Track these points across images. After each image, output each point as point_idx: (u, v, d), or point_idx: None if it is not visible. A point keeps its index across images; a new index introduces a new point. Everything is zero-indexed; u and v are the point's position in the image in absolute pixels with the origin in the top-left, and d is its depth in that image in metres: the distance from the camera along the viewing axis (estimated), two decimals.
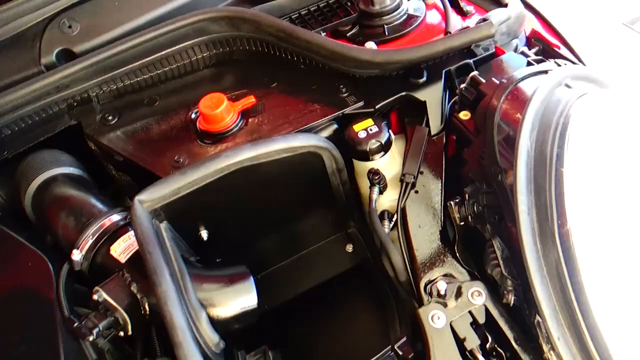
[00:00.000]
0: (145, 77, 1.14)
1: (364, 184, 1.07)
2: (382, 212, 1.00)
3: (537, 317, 0.78)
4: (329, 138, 1.00)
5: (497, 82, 0.92)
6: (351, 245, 1.20)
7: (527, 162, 0.77)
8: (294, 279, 1.17)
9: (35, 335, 0.80)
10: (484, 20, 1.03)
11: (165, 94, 1.13)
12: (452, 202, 0.87)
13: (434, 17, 1.19)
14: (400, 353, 0.82)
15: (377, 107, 1.01)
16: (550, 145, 0.78)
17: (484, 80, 0.94)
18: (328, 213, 1.18)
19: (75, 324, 0.81)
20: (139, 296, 0.83)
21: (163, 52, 1.12)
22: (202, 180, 0.87)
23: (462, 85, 0.97)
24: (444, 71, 1.03)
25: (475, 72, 0.96)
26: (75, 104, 1.11)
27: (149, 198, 0.84)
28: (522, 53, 1.06)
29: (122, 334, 0.84)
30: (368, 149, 0.96)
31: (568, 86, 0.84)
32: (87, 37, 1.13)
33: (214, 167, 0.86)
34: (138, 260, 0.86)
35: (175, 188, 0.85)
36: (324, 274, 1.18)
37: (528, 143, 0.79)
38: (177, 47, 1.13)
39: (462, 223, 0.87)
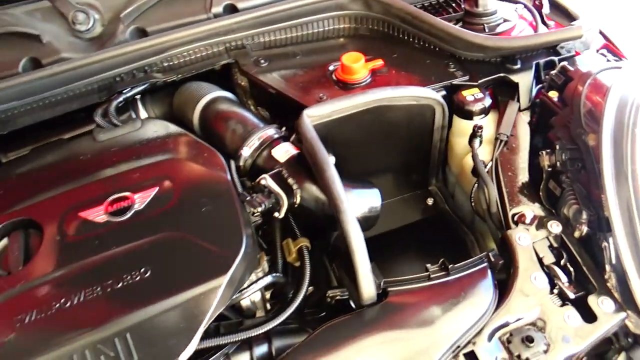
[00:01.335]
0: (289, 36, 1.41)
1: (458, 143, 1.32)
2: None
3: (605, 243, 1.02)
4: None
5: (583, 70, 1.18)
6: (432, 200, 1.44)
7: (611, 125, 1.03)
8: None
9: (218, 200, 1.03)
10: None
11: (304, 52, 1.39)
12: (543, 152, 1.12)
13: (522, 25, 1.46)
14: (493, 259, 1.04)
15: (480, 81, 1.27)
16: (627, 114, 1.03)
17: (572, 69, 1.20)
18: (414, 171, 1.42)
19: (247, 198, 1.04)
20: (294, 187, 1.07)
21: (306, 18, 1.40)
22: (351, 108, 1.12)
23: (553, 72, 1.24)
24: (534, 63, 1.30)
25: (564, 62, 1.23)
26: (232, 48, 1.37)
27: (313, 113, 1.09)
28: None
29: (276, 214, 1.07)
30: (474, 109, 1.22)
31: None
32: None
33: (363, 99, 1.12)
34: (294, 161, 1.11)
35: (332, 110, 1.10)
36: (405, 220, 1.41)
37: (612, 112, 1.04)
38: (318, 16, 1.40)
39: (549, 169, 1.12)
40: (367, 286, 0.95)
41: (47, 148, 1.23)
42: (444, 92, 1.28)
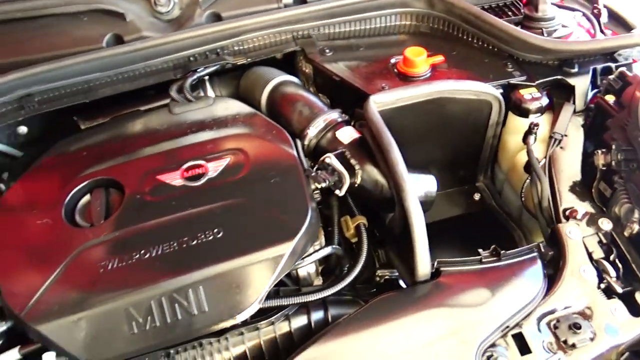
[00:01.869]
0: (352, 29, 1.48)
1: (510, 140, 1.36)
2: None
3: None
4: None
5: None
6: (479, 195, 1.48)
7: None
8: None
9: (286, 174, 1.11)
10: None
11: (367, 46, 1.46)
12: (599, 151, 1.16)
13: (580, 32, 1.50)
14: (543, 250, 1.08)
15: (537, 82, 1.31)
16: None
17: (630, 74, 1.23)
18: (462, 166, 1.47)
19: (312, 173, 1.11)
20: (356, 167, 1.13)
21: (371, 13, 1.47)
22: (416, 97, 1.18)
23: (611, 77, 1.27)
24: (591, 68, 1.33)
25: (623, 68, 1.26)
26: (299, 37, 1.45)
27: (379, 99, 1.16)
28: None
29: (337, 192, 1.13)
30: (531, 107, 1.26)
31: None
32: None
33: (428, 89, 1.18)
34: (356, 144, 1.18)
35: (398, 97, 1.17)
36: (451, 213, 1.46)
37: None
38: (382, 11, 1.47)
39: (603, 168, 1.15)
40: (423, 263, 1.01)
41: (125, 118, 1.33)
42: (501, 91, 1.32)
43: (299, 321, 1.04)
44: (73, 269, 0.99)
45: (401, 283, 1.18)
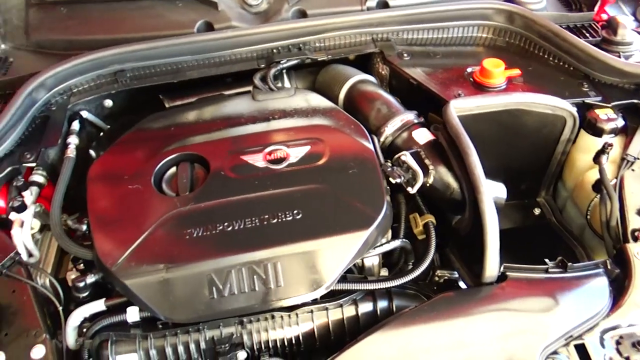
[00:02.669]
0: (430, 36, 1.52)
1: (579, 158, 1.37)
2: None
3: None
4: None
5: None
6: (539, 210, 1.50)
7: None
8: None
9: (363, 166, 1.16)
10: None
11: (443, 54, 1.50)
12: None
13: None
14: (609, 267, 1.10)
15: (613, 104, 1.33)
16: None
17: None
18: (525, 180, 1.49)
19: (389, 169, 1.16)
20: (430, 167, 1.17)
21: (450, 23, 1.51)
22: (494, 106, 1.22)
23: None
24: None
25: None
26: (378, 39, 1.51)
27: (459, 105, 1.20)
28: None
29: (409, 189, 1.18)
30: (605, 128, 1.28)
31: None
32: None
33: (507, 99, 1.22)
34: (430, 146, 1.22)
35: (477, 105, 1.21)
36: (509, 224, 1.48)
37: None
38: (461, 22, 1.51)
39: None
40: (493, 265, 1.04)
41: (210, 100, 1.41)
42: (575, 109, 1.34)
43: (366, 307, 1.08)
44: (161, 232, 1.06)
45: (461, 285, 1.21)
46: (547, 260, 1.10)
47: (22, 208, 1.18)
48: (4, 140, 1.26)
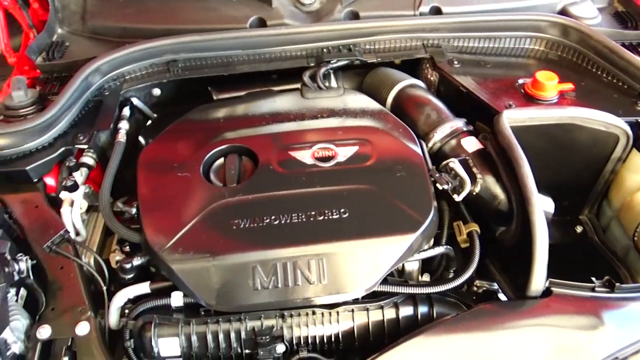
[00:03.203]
0: (481, 45, 1.51)
1: (629, 178, 1.34)
2: None
3: None
4: None
5: None
6: (581, 228, 1.47)
7: None
8: None
9: (411, 170, 1.16)
10: None
11: (494, 64, 1.49)
12: None
13: None
14: None
15: None
16: None
17: None
18: (569, 197, 1.46)
19: (437, 174, 1.16)
20: (478, 176, 1.17)
21: (503, 33, 1.50)
22: (546, 119, 1.20)
23: None
24: None
25: None
26: (429, 45, 1.50)
27: (511, 115, 1.19)
28: None
29: (455, 196, 1.17)
30: None
31: None
32: (456, 3, 1.54)
33: (561, 113, 1.20)
34: (479, 155, 1.21)
35: (530, 116, 1.20)
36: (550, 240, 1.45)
37: None
38: (514, 33, 1.50)
39: None
40: (539, 279, 1.02)
41: (259, 95, 1.42)
42: (629, 128, 1.32)
43: (406, 311, 1.08)
44: (209, 220, 1.08)
45: (500, 297, 1.20)
46: (593, 278, 1.08)
47: (74, 188, 1.21)
48: (59, 120, 1.30)
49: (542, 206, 1.12)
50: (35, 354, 1.00)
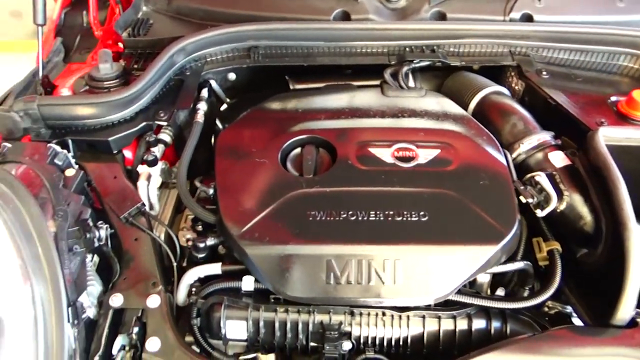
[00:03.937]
0: (572, 58, 1.45)
1: None
2: None
3: None
4: None
5: None
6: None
7: None
8: None
9: (495, 179, 1.12)
10: None
11: (584, 78, 1.42)
12: None
13: None
14: None
15: None
16: None
17: None
18: None
19: (521, 187, 1.11)
20: (565, 193, 1.11)
21: (596, 47, 1.43)
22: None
23: None
24: None
25: None
26: (516, 53, 1.45)
27: (607, 133, 1.13)
28: None
29: (538, 212, 1.12)
30: None
31: None
32: (548, 12, 1.48)
33: None
34: (566, 171, 1.16)
35: (628, 136, 1.13)
36: None
37: None
38: (608, 47, 1.43)
39: None
40: (627, 308, 0.96)
41: (338, 88, 1.41)
42: None
43: (479, 324, 1.04)
44: (286, 208, 1.07)
45: (574, 321, 1.14)
46: None
47: (154, 162, 1.23)
48: (143, 95, 1.32)
49: (639, 232, 1.07)
50: (107, 320, 1.02)
